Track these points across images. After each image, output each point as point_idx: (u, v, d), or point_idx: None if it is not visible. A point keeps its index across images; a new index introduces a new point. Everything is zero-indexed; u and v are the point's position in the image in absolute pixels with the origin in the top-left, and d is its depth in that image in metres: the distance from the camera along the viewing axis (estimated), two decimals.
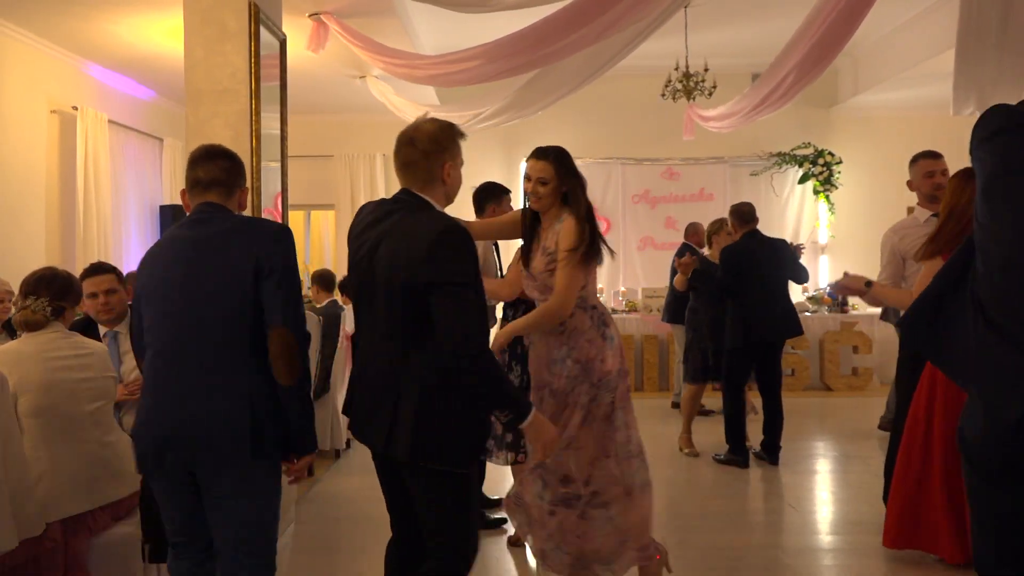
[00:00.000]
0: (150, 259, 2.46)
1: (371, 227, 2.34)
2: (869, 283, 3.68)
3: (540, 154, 3.10)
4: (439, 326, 2.17)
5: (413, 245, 2.20)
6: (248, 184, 3.84)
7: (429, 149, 2.35)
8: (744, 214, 5.64)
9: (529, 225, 3.19)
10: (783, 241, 5.94)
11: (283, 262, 2.34)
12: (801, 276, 5.94)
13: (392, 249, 2.25)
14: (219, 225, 2.40)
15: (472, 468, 2.32)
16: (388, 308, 2.25)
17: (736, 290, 5.46)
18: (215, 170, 2.47)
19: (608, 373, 3.03)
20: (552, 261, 3.03)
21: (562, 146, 3.14)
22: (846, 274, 3.85)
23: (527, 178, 3.13)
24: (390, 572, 2.48)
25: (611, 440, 3.02)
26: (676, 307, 6.92)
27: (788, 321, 5.68)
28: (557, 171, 3.06)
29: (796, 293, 9.59)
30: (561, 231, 3.01)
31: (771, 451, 5.58)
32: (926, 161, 4.11)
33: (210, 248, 2.36)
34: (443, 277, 2.16)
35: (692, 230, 7.72)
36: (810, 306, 9.10)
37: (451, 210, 2.55)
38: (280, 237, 2.41)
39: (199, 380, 2.30)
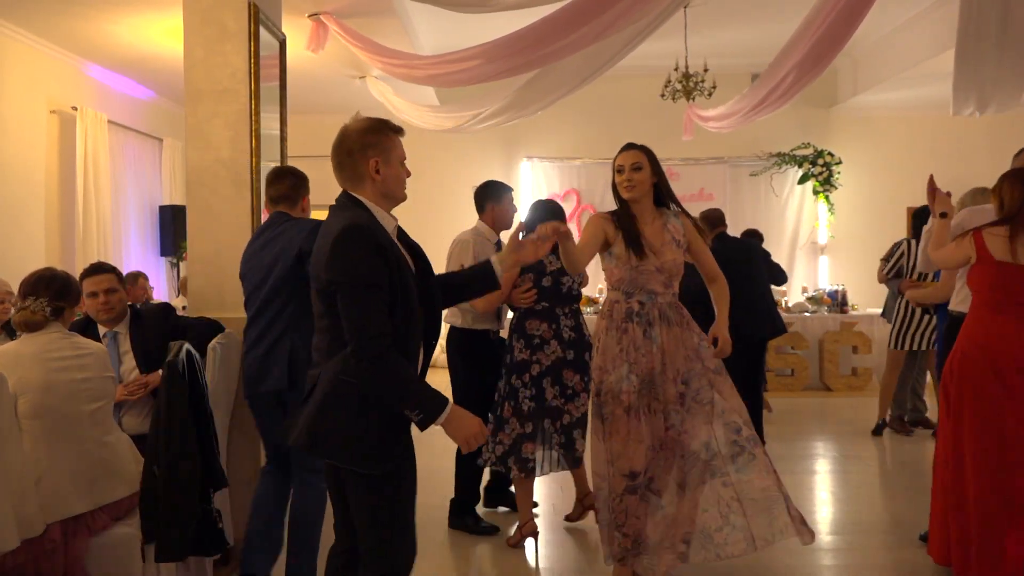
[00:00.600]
0: (245, 252, 3.42)
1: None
2: (944, 214, 3.62)
3: (630, 145, 3.37)
4: (343, 324, 2.17)
5: (323, 246, 2.25)
6: (250, 185, 3.89)
7: (354, 148, 2.35)
8: (713, 219, 5.80)
9: (624, 223, 3.33)
10: (755, 242, 5.92)
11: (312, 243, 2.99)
12: (777, 276, 5.96)
13: (314, 251, 2.33)
14: (279, 229, 3.33)
15: (394, 472, 2.26)
16: (314, 307, 2.32)
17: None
18: (282, 188, 3.43)
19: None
20: (686, 252, 3.42)
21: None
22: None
23: (619, 170, 3.32)
24: None
25: None
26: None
27: (772, 319, 5.70)
28: (649, 159, 3.33)
29: (796, 294, 9.60)
30: (686, 224, 3.42)
31: None
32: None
33: (269, 243, 3.30)
34: (342, 276, 2.17)
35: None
36: (810, 306, 9.10)
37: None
38: (314, 227, 3.13)
39: (263, 335, 3.25)
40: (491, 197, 4.27)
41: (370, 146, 2.35)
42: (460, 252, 4.19)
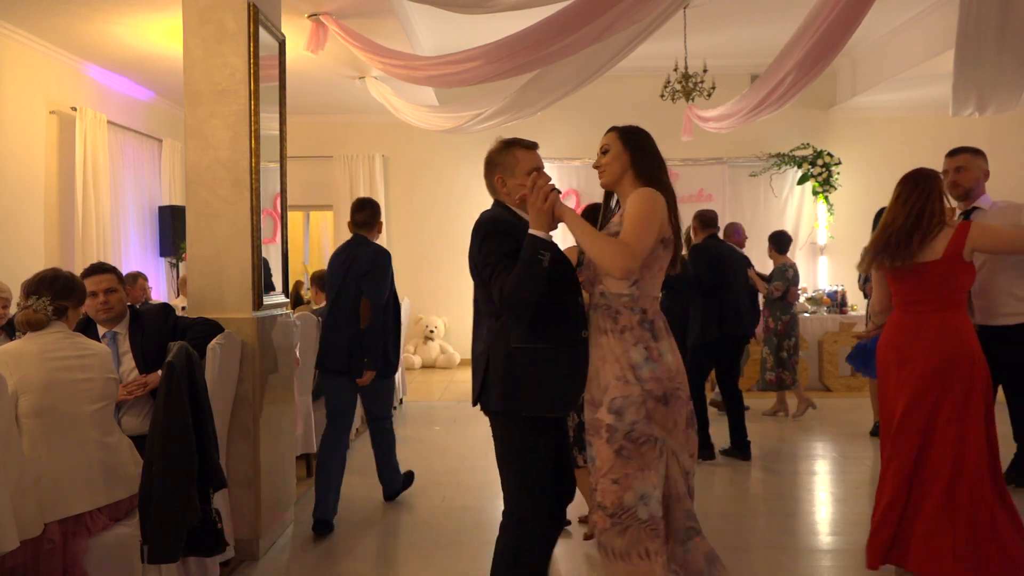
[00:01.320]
0: (332, 259, 4.55)
1: None
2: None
3: (608, 130, 2.88)
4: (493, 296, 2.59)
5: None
6: (250, 185, 3.88)
7: (486, 168, 2.79)
8: (707, 219, 5.93)
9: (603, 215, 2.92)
10: (739, 250, 6.14)
11: (370, 266, 4.35)
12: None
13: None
14: (355, 249, 4.44)
15: (572, 409, 2.70)
16: (475, 290, 2.78)
17: (710, 286, 5.63)
18: (364, 216, 4.52)
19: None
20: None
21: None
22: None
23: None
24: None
25: None
26: None
27: (753, 319, 5.94)
28: (622, 138, 2.77)
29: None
30: (631, 199, 2.63)
31: (742, 448, 5.70)
32: (945, 160, 4.19)
33: (350, 260, 4.41)
34: (479, 258, 2.63)
35: (732, 230, 7.74)
36: (809, 307, 9.10)
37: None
38: (373, 253, 4.40)
39: (330, 322, 4.42)
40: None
41: (496, 165, 2.74)
42: None
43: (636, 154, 2.73)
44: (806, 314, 8.89)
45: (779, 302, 7.07)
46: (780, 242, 7.24)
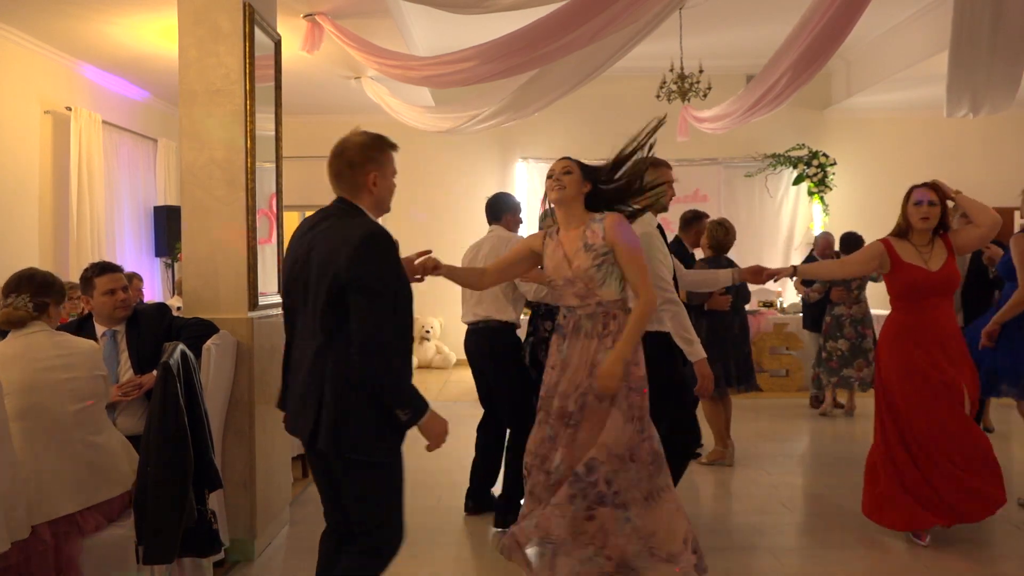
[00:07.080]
0: None
1: (308, 231, 2.52)
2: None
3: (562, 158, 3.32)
4: (352, 324, 2.29)
5: (339, 248, 2.35)
6: (245, 185, 3.88)
7: (355, 160, 2.52)
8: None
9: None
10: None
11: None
12: None
13: (322, 252, 2.41)
14: None
15: (394, 459, 2.48)
16: (316, 307, 2.39)
17: None
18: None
19: (641, 378, 3.08)
20: (600, 257, 3.06)
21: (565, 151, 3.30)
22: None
23: (550, 175, 3.27)
24: (321, 561, 2.64)
25: (638, 445, 3.05)
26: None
27: None
28: (580, 165, 3.26)
29: (791, 294, 9.61)
30: (608, 225, 3.07)
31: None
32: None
33: None
34: (362, 279, 2.30)
35: (824, 242, 7.76)
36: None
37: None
38: None
39: None
40: (508, 209, 4.54)
41: (370, 160, 2.52)
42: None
43: (594, 184, 3.30)
44: (801, 314, 8.88)
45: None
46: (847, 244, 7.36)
